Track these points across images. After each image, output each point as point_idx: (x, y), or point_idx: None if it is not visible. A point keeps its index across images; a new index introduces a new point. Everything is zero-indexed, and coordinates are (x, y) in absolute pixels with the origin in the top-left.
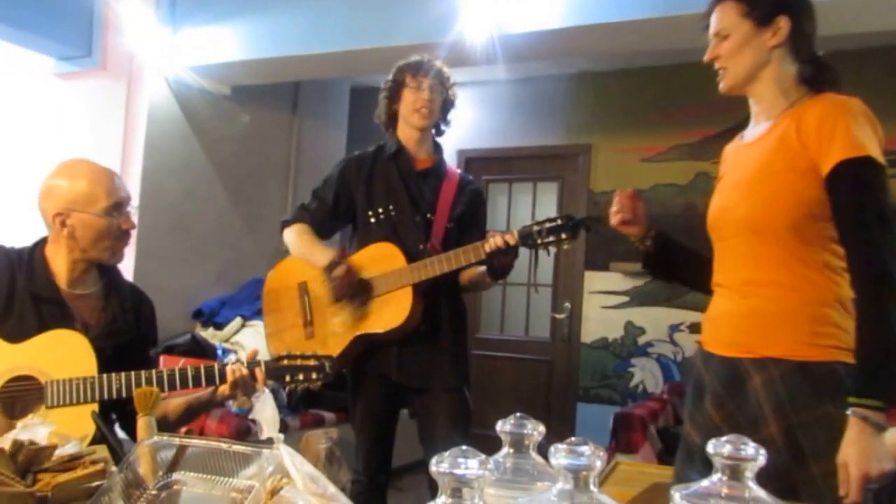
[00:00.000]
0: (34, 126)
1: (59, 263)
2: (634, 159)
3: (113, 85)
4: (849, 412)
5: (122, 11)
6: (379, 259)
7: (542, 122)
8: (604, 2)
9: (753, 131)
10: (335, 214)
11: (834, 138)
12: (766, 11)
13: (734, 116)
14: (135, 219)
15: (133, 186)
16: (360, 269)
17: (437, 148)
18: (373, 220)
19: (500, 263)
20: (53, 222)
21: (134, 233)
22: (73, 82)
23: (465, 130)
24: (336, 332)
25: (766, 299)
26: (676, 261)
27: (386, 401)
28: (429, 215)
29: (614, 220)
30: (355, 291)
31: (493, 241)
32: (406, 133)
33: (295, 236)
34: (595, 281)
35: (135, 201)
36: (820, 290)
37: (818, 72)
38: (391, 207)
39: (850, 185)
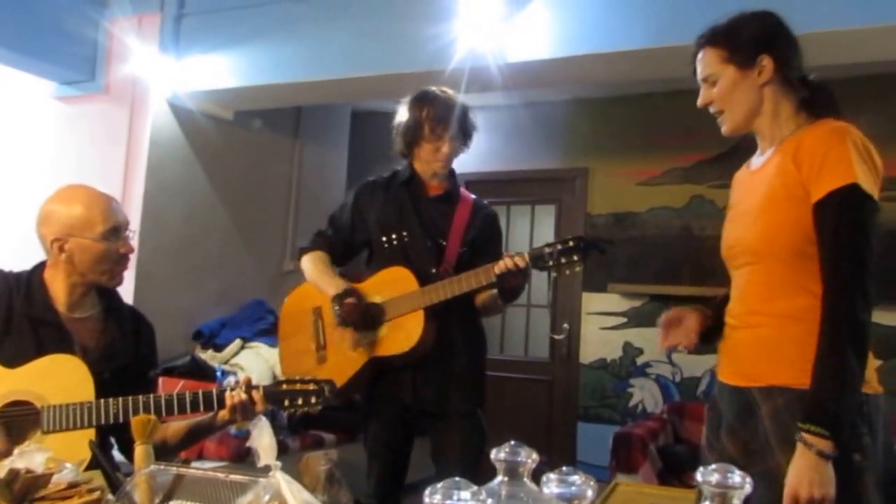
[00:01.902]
0: (36, 149)
1: (58, 287)
2: (630, 183)
3: (115, 109)
4: (796, 437)
5: (125, 38)
6: (391, 283)
7: (539, 147)
8: (599, 32)
9: (758, 160)
10: (351, 241)
11: (825, 166)
12: (747, 54)
13: (726, 141)
14: (134, 242)
15: (134, 209)
16: (371, 294)
17: (451, 173)
18: (386, 245)
19: (510, 286)
20: (52, 247)
21: (134, 255)
22: (76, 106)
23: (465, 154)
24: (348, 357)
25: (771, 328)
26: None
27: (400, 425)
28: (440, 241)
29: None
30: (363, 321)
31: (504, 264)
32: (422, 167)
33: (310, 263)
34: (593, 302)
35: (136, 224)
36: None
37: (813, 95)
38: (404, 233)
39: (834, 218)
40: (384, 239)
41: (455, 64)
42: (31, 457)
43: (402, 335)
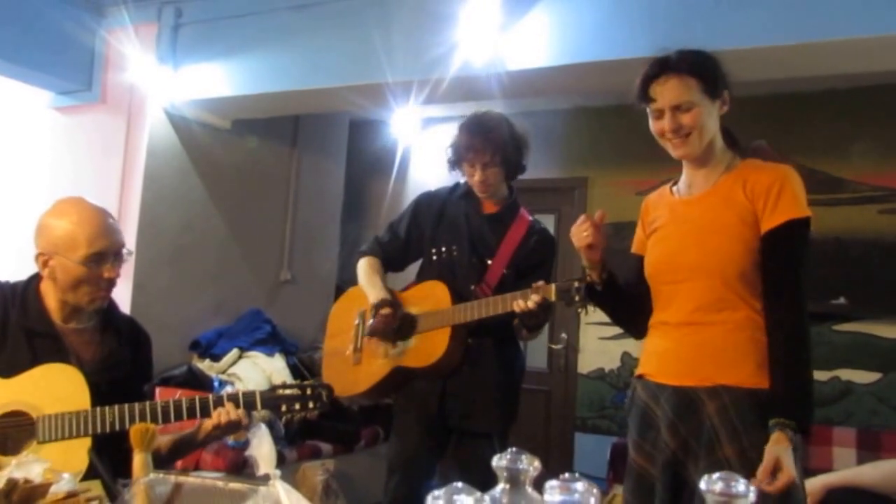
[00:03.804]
0: (34, 159)
1: (53, 299)
2: (629, 192)
3: (112, 119)
4: (773, 428)
5: (122, 47)
6: (428, 296)
7: (539, 156)
8: (598, 41)
9: (690, 189)
10: (406, 249)
11: (780, 200)
12: (716, 87)
13: None
14: (131, 262)
15: (131, 219)
16: (409, 305)
17: (510, 192)
18: (435, 257)
19: (532, 321)
20: (37, 261)
21: (131, 265)
22: (73, 116)
23: None
24: (379, 362)
25: (715, 336)
26: (620, 298)
27: (424, 438)
28: (487, 259)
29: (581, 240)
30: (390, 334)
31: (531, 296)
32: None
33: (362, 267)
34: (591, 312)
35: (132, 234)
36: (762, 329)
37: (731, 137)
38: (454, 247)
39: (790, 242)
40: (433, 250)
41: (454, 72)
42: (28, 467)
43: (429, 349)
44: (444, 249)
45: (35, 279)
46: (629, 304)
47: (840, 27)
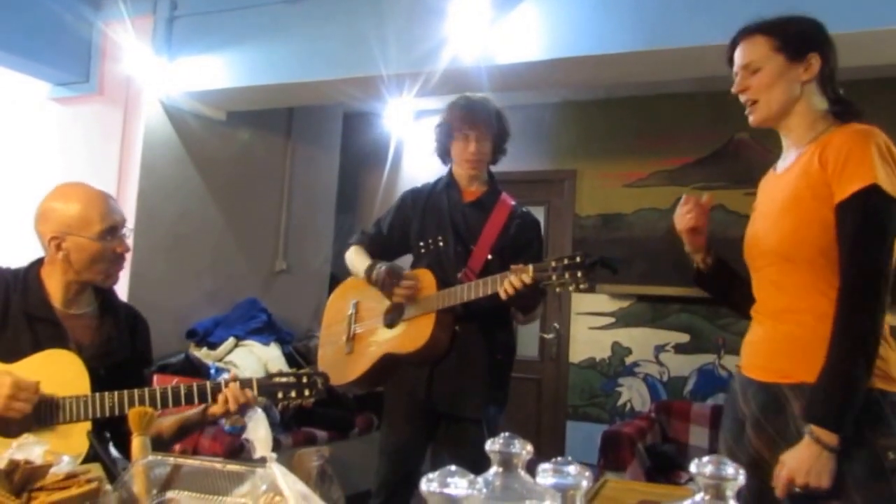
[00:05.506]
0: (31, 149)
1: (55, 284)
2: (617, 185)
3: (110, 110)
4: (804, 428)
5: (119, 39)
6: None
7: (528, 149)
8: (587, 35)
9: (783, 162)
10: (389, 243)
11: (847, 166)
12: (798, 47)
13: (711, 145)
14: (130, 241)
15: (129, 209)
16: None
17: (491, 179)
18: (423, 250)
19: (520, 302)
20: (49, 245)
21: (129, 254)
22: (71, 107)
23: None
24: (369, 351)
25: (801, 326)
26: (732, 283)
27: (413, 424)
28: (471, 245)
29: (684, 223)
30: (397, 281)
31: (507, 285)
32: (458, 171)
33: (350, 254)
34: (582, 302)
35: (130, 223)
36: None
37: (843, 107)
38: (439, 238)
39: (853, 222)
40: (421, 244)
41: (444, 66)
42: (29, 449)
43: (415, 335)
44: (430, 241)
45: (36, 265)
46: (743, 289)
47: (828, 22)
